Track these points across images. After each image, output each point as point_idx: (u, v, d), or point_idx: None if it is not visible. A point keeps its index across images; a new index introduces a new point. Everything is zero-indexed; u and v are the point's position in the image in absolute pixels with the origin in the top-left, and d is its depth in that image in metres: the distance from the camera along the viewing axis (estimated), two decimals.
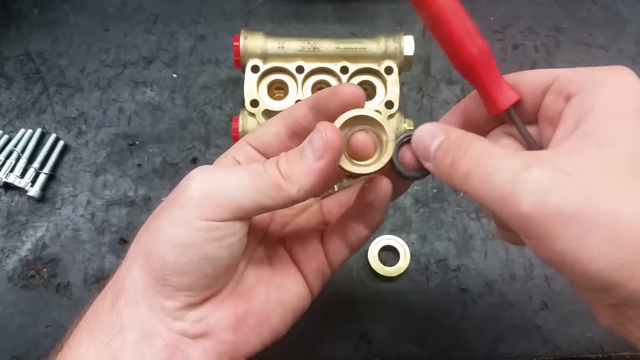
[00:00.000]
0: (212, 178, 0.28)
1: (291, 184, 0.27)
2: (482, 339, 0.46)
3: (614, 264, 0.20)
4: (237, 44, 0.48)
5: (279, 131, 0.32)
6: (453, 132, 0.27)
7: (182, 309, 0.28)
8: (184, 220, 0.27)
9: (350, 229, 0.33)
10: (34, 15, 0.60)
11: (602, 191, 0.21)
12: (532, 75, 0.28)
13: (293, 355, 0.45)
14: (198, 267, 0.27)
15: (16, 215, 0.49)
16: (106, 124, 0.54)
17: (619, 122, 0.23)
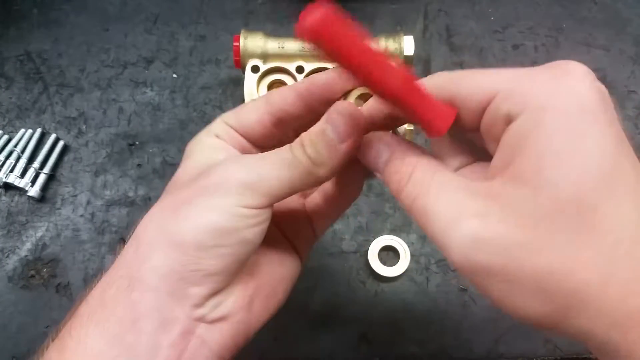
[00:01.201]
0: (249, 166, 0.28)
1: (321, 169, 0.28)
2: (482, 339, 0.46)
3: (542, 313, 0.21)
4: (237, 44, 0.48)
5: (262, 119, 0.31)
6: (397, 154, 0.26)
7: (206, 295, 0.27)
8: (225, 208, 0.27)
9: (332, 202, 0.34)
10: (34, 15, 0.60)
11: (527, 247, 0.21)
12: (472, 86, 0.25)
13: (293, 355, 0.45)
14: (234, 250, 0.27)
15: (16, 215, 0.49)
16: (106, 124, 0.54)
17: (556, 163, 0.21)
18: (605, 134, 0.22)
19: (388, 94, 0.24)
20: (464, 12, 0.61)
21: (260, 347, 0.45)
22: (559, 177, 0.21)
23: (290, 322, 0.46)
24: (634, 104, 0.56)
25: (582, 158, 0.21)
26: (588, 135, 0.21)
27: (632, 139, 0.55)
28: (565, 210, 0.20)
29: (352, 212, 0.50)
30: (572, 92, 0.22)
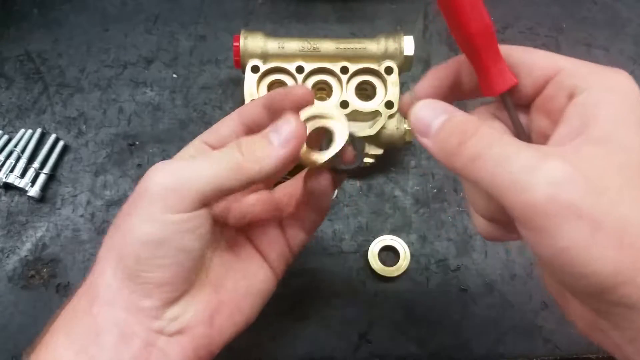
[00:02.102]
0: (172, 170, 0.28)
1: (253, 165, 0.28)
2: (482, 339, 0.46)
3: (615, 267, 0.20)
4: (237, 44, 0.48)
5: (235, 129, 0.33)
6: (459, 114, 0.26)
7: (159, 307, 0.28)
8: (153, 216, 0.27)
9: (304, 216, 0.35)
10: (34, 15, 0.60)
11: (614, 195, 0.21)
12: (536, 61, 0.27)
13: (293, 355, 0.45)
14: (175, 260, 0.27)
15: (16, 216, 0.49)
16: (106, 124, 0.54)
17: (627, 130, 0.23)
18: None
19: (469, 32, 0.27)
20: None
21: (260, 346, 0.45)
22: (634, 142, 0.22)
23: (290, 322, 0.46)
24: None
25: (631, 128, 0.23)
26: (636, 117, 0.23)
27: None
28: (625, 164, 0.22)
29: (352, 212, 0.50)
30: (628, 82, 0.25)
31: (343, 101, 0.47)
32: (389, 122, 0.48)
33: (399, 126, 0.48)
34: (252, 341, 0.45)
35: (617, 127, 0.23)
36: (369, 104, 0.48)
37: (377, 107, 0.48)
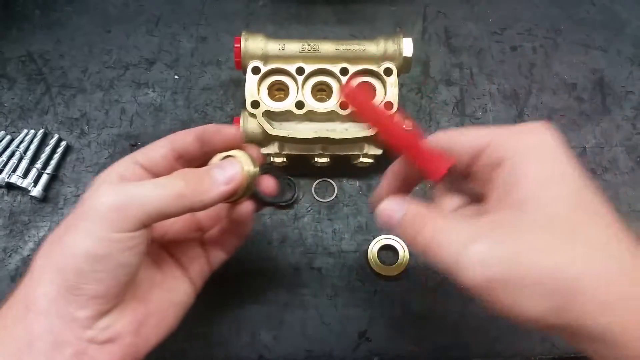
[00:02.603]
0: (118, 191, 0.30)
1: (194, 196, 0.32)
2: (480, 338, 0.46)
3: (544, 309, 0.25)
4: (238, 46, 0.48)
5: (166, 153, 0.36)
6: (411, 209, 0.31)
7: (93, 317, 0.30)
8: (98, 233, 0.29)
9: (226, 239, 0.39)
10: (36, 16, 0.60)
11: (530, 256, 0.26)
12: (465, 139, 0.31)
13: (293, 354, 0.45)
14: (113, 274, 0.30)
15: (18, 215, 0.50)
16: (108, 124, 0.54)
17: (541, 191, 0.27)
18: (573, 171, 0.28)
19: (395, 146, 0.33)
20: (463, 13, 0.62)
21: (259, 346, 0.45)
22: (542, 201, 0.27)
23: (290, 321, 0.46)
24: (632, 105, 0.57)
25: (560, 187, 0.27)
26: (562, 172, 0.28)
27: (629, 139, 0.56)
28: (551, 224, 0.26)
29: (351, 212, 0.51)
30: (540, 142, 0.29)
31: (343, 102, 0.48)
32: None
33: None
34: (252, 340, 0.45)
35: (535, 190, 0.27)
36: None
37: None
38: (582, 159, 0.54)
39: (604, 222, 0.27)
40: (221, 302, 0.46)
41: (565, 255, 0.25)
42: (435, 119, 0.55)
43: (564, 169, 0.28)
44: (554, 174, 0.28)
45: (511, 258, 0.26)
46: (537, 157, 0.28)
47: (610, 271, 0.25)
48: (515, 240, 0.26)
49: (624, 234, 0.27)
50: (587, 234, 0.26)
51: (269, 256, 0.49)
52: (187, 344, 0.45)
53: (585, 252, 0.25)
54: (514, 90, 0.57)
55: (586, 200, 0.27)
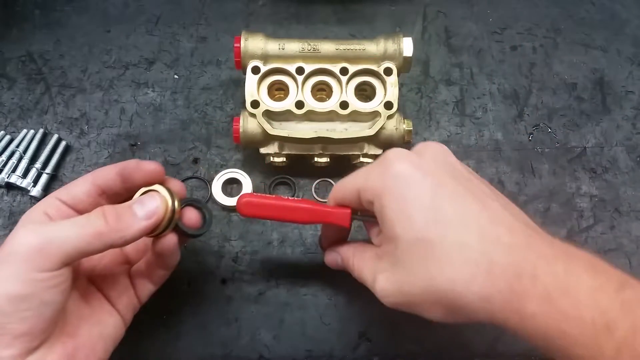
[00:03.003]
0: (38, 232, 0.31)
1: (114, 232, 0.33)
2: (480, 338, 0.46)
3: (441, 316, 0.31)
4: (237, 45, 0.48)
5: (89, 190, 0.37)
6: (343, 255, 0.40)
7: (20, 355, 0.30)
8: (19, 275, 0.30)
9: (153, 271, 0.40)
10: (35, 16, 0.60)
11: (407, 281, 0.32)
12: (345, 189, 0.37)
13: (292, 354, 0.45)
14: (37, 312, 0.30)
15: (18, 215, 0.50)
16: (108, 124, 0.54)
17: (399, 224, 0.32)
18: (419, 191, 0.32)
19: (306, 223, 0.39)
20: (463, 13, 0.62)
21: (259, 346, 0.45)
22: (402, 231, 0.31)
23: (290, 321, 0.46)
24: (632, 105, 0.57)
25: (408, 214, 0.31)
26: (408, 198, 0.32)
27: (629, 139, 0.56)
28: (413, 248, 0.31)
29: None
30: (392, 174, 0.33)
31: (343, 102, 0.48)
32: (388, 123, 0.48)
33: (398, 126, 0.48)
34: (252, 340, 0.45)
35: (392, 224, 0.32)
36: (368, 105, 0.49)
37: (376, 107, 0.48)
38: (582, 159, 0.54)
39: (460, 230, 0.30)
40: (221, 301, 0.46)
41: (429, 274, 0.30)
42: (435, 118, 0.55)
43: (412, 192, 0.32)
44: (405, 202, 0.32)
45: (398, 286, 0.32)
46: (389, 192, 0.32)
47: (469, 276, 0.29)
48: (395, 271, 0.32)
49: (488, 231, 0.30)
50: (442, 248, 0.30)
51: (269, 256, 0.49)
52: (187, 343, 0.45)
53: (445, 265, 0.30)
54: (514, 90, 0.57)
55: (439, 215, 0.31)
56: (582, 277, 0.27)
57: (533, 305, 0.27)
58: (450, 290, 0.29)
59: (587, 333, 0.26)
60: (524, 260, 0.28)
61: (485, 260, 0.29)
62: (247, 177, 0.50)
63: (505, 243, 0.29)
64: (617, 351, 0.25)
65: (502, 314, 0.28)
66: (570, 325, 0.26)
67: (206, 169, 0.52)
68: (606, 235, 0.50)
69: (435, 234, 0.30)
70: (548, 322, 0.27)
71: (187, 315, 0.46)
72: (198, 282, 0.47)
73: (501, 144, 0.54)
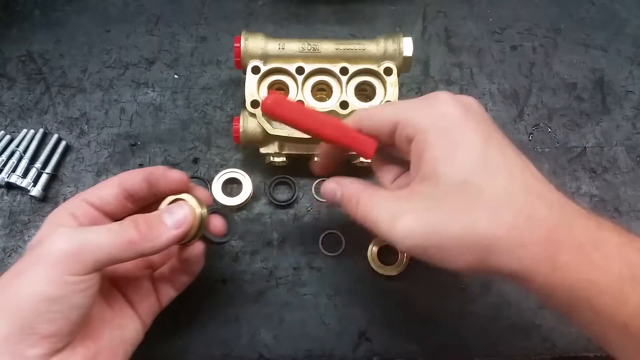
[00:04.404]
0: (74, 236, 0.32)
1: (146, 242, 0.33)
2: (481, 338, 0.46)
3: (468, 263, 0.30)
4: (237, 45, 0.48)
5: (117, 193, 0.37)
6: (346, 189, 0.36)
7: (44, 355, 0.30)
8: (53, 277, 0.30)
9: (176, 277, 0.40)
10: (35, 16, 0.60)
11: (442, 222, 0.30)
12: (379, 119, 0.35)
13: (292, 354, 0.45)
14: (65, 314, 0.31)
15: (18, 215, 0.50)
16: (108, 124, 0.54)
17: (445, 162, 0.31)
18: (472, 136, 0.31)
19: (327, 140, 0.36)
20: (463, 13, 0.62)
21: (259, 346, 0.45)
22: (447, 171, 0.31)
23: (290, 321, 0.46)
24: (632, 105, 0.57)
25: (458, 155, 0.31)
26: (459, 140, 0.31)
27: (629, 139, 0.56)
28: (458, 190, 0.30)
29: None
30: (442, 114, 0.32)
31: (343, 102, 0.48)
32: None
33: None
34: (252, 340, 0.45)
35: (435, 163, 0.31)
36: (368, 105, 0.49)
37: None
38: (582, 159, 0.54)
39: (508, 180, 0.30)
40: (221, 302, 0.46)
41: (472, 217, 0.29)
42: None
43: (464, 136, 0.31)
44: (455, 143, 0.31)
45: (430, 227, 0.30)
46: (438, 130, 0.32)
47: (511, 223, 0.29)
48: (430, 211, 0.31)
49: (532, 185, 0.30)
50: (490, 194, 0.30)
51: (269, 256, 0.49)
52: (187, 343, 0.45)
53: (490, 210, 0.29)
54: (514, 89, 0.57)
55: (489, 162, 0.31)
56: (612, 233, 0.29)
57: (566, 255, 0.28)
58: (491, 235, 0.29)
59: (614, 284, 0.27)
60: (562, 214, 0.29)
61: (528, 209, 0.29)
62: (247, 177, 0.50)
63: (545, 197, 0.30)
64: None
65: (534, 263, 0.29)
66: (599, 275, 0.27)
67: (206, 169, 0.52)
68: None
69: (485, 179, 0.30)
70: (578, 272, 0.28)
71: (187, 315, 0.46)
72: (198, 282, 0.47)
73: None
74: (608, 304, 0.27)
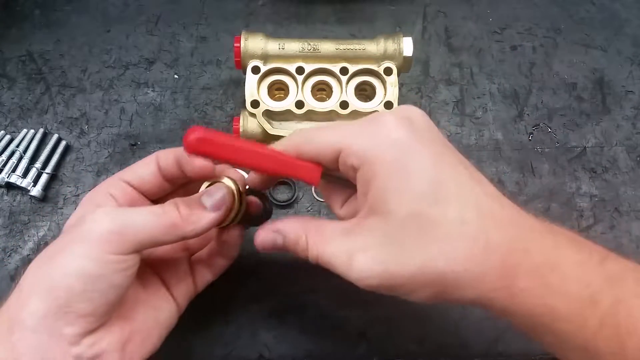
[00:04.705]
0: (117, 216, 0.32)
1: (187, 225, 0.33)
2: (480, 338, 0.46)
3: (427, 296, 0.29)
4: (237, 45, 0.48)
5: (154, 171, 0.37)
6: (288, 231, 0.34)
7: (80, 334, 0.30)
8: (94, 254, 0.30)
9: (214, 260, 0.40)
10: (35, 16, 0.60)
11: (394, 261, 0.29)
12: (321, 149, 0.33)
13: (292, 354, 0.45)
14: (104, 294, 0.31)
15: (18, 215, 0.50)
16: (108, 124, 0.54)
17: (389, 198, 0.29)
18: (421, 163, 0.29)
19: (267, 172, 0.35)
20: (463, 13, 0.62)
21: (259, 346, 0.45)
22: (397, 203, 0.29)
23: (290, 321, 0.46)
24: (632, 105, 0.57)
25: (407, 186, 0.29)
26: (407, 169, 0.29)
27: (629, 139, 0.56)
28: (410, 224, 0.29)
29: None
30: (388, 140, 0.30)
31: (343, 102, 0.48)
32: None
33: None
34: (252, 340, 0.45)
35: (383, 195, 0.30)
36: (368, 105, 0.49)
37: (376, 107, 0.48)
38: (582, 159, 0.54)
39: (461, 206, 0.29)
40: (221, 301, 0.46)
41: (427, 254, 0.28)
42: (435, 118, 0.55)
43: (412, 164, 0.29)
44: (404, 173, 0.29)
45: (386, 266, 0.29)
46: (385, 160, 0.30)
47: (467, 254, 0.28)
48: (383, 248, 0.29)
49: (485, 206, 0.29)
50: (443, 226, 0.28)
51: (269, 256, 0.49)
52: (187, 343, 0.45)
53: (444, 244, 0.28)
54: (514, 89, 0.57)
55: (441, 190, 0.29)
56: (568, 251, 0.28)
57: (523, 280, 0.27)
58: (448, 270, 0.28)
59: (573, 306, 0.26)
60: (517, 235, 0.28)
61: (482, 236, 0.28)
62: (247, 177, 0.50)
63: (499, 218, 0.29)
64: (600, 323, 0.25)
65: (492, 292, 0.28)
66: (557, 299, 0.27)
67: None
68: (606, 235, 0.50)
69: (437, 209, 0.28)
70: (536, 298, 0.27)
71: (187, 316, 0.46)
72: None
73: (501, 143, 0.54)
74: (567, 327, 0.27)
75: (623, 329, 0.25)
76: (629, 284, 0.26)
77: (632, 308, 0.25)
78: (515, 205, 0.30)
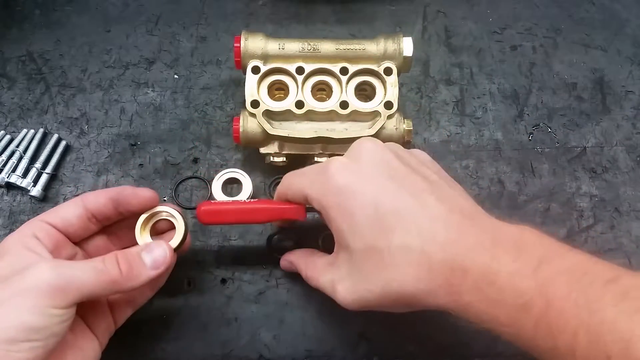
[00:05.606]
0: (61, 272, 0.33)
1: (126, 282, 0.35)
2: (480, 337, 0.46)
3: (404, 309, 0.36)
4: (237, 45, 0.48)
5: (80, 213, 0.38)
6: (295, 261, 0.43)
7: None
8: (38, 309, 0.31)
9: (137, 294, 0.41)
10: (35, 16, 0.60)
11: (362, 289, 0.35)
12: (294, 193, 0.39)
13: (292, 354, 0.45)
14: (45, 343, 0.32)
15: (18, 215, 0.50)
16: (108, 124, 0.54)
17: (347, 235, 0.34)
18: (363, 202, 0.34)
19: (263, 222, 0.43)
20: (463, 13, 0.62)
21: (259, 346, 0.45)
22: (352, 241, 0.34)
23: (290, 321, 0.46)
24: (632, 105, 0.57)
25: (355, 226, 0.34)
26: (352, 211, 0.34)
27: (629, 139, 0.56)
28: (366, 256, 0.34)
29: None
30: (333, 188, 0.35)
31: (343, 101, 0.48)
32: (388, 122, 0.48)
33: (398, 126, 0.48)
34: (251, 340, 0.45)
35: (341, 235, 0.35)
36: (368, 105, 0.49)
37: (376, 107, 0.48)
38: (582, 159, 0.54)
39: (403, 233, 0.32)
40: (221, 302, 0.46)
41: (384, 279, 0.33)
42: (435, 118, 0.55)
43: (356, 205, 0.34)
44: (351, 215, 0.34)
45: (358, 294, 0.35)
46: (334, 206, 0.35)
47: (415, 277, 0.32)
48: (352, 277, 0.35)
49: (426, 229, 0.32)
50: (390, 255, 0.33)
51: (269, 255, 0.49)
52: (188, 343, 0.45)
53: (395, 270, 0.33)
54: (514, 89, 0.57)
55: (384, 222, 0.33)
56: (505, 262, 0.30)
57: (466, 295, 0.31)
58: (403, 292, 0.33)
59: (510, 314, 0.29)
60: (456, 256, 0.31)
61: (425, 259, 0.32)
62: (247, 177, 0.50)
63: (439, 241, 0.32)
64: (535, 326, 0.28)
65: (446, 305, 0.32)
66: (497, 309, 0.30)
67: (206, 169, 0.52)
68: (606, 235, 0.50)
69: (382, 241, 0.33)
70: (480, 308, 0.30)
71: (187, 315, 0.46)
72: (198, 282, 0.47)
73: (501, 143, 0.54)
74: (510, 331, 0.30)
75: (554, 328, 0.28)
76: (559, 287, 0.28)
77: (561, 309, 0.28)
78: (466, 220, 0.33)
